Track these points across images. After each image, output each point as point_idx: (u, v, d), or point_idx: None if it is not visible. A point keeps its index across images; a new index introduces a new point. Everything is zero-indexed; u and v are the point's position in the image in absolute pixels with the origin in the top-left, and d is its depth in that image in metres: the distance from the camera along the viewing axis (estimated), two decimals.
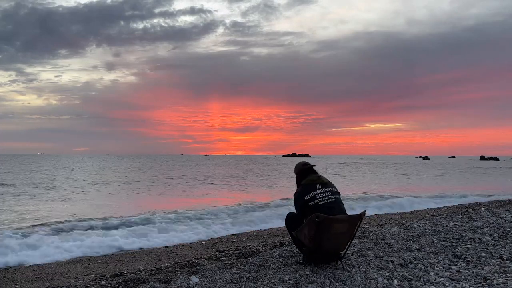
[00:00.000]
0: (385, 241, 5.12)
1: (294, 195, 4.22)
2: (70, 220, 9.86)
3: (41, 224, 9.19)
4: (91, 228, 9.05)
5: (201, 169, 44.43)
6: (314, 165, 4.40)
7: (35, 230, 8.53)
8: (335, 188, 4.18)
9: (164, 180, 26.82)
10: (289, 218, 4.31)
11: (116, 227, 9.06)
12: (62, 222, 9.51)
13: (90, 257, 6.43)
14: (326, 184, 4.12)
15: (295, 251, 4.59)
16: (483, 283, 3.49)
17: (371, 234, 5.68)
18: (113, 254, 6.62)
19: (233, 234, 8.03)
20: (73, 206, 13.60)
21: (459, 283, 3.48)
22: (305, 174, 4.29)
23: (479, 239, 5.13)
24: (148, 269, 4.49)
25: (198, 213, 11.09)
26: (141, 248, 7.15)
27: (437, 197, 15.22)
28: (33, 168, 43.68)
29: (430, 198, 14.77)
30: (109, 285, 3.71)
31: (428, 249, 4.69)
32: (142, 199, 16.27)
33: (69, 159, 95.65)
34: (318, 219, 3.60)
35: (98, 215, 10.68)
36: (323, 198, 3.96)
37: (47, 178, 26.75)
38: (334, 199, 4.00)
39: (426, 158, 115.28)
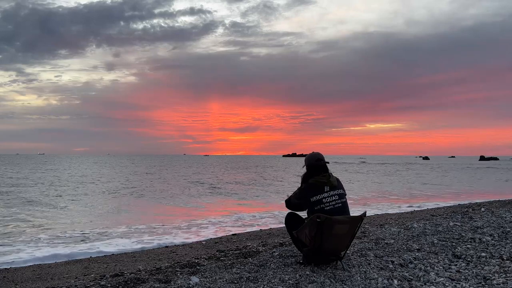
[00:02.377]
0: (385, 241, 5.12)
1: (298, 188, 4.10)
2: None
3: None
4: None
5: (206, 171, 44.43)
6: (328, 162, 4.14)
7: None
8: (343, 189, 4.03)
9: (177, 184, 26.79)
10: (289, 218, 4.29)
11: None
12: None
13: (90, 257, 6.43)
14: (335, 186, 3.94)
15: (295, 251, 4.59)
16: (483, 283, 3.49)
17: (371, 234, 5.68)
18: (113, 254, 6.62)
19: (233, 234, 8.03)
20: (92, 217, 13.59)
21: (459, 283, 3.48)
22: (316, 171, 4.03)
23: (479, 239, 5.13)
24: (148, 269, 4.49)
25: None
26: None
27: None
28: (38, 170, 43.69)
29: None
30: (109, 285, 3.70)
31: (428, 249, 4.69)
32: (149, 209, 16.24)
33: (72, 160, 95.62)
34: (319, 219, 3.59)
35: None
36: (330, 203, 3.85)
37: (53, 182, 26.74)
38: (341, 204, 3.89)
39: (426, 158, 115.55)
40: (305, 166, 4.16)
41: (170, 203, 14.68)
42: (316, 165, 4.05)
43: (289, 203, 4.21)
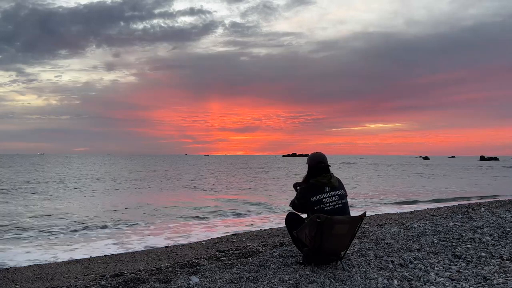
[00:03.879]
0: (385, 241, 5.12)
1: (299, 189, 4.10)
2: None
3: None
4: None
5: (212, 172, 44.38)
6: (330, 165, 4.15)
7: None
8: (344, 190, 4.04)
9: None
10: (290, 218, 4.29)
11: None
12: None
13: (90, 257, 6.43)
14: (336, 187, 3.95)
15: (295, 251, 4.59)
16: (483, 283, 3.49)
17: (371, 234, 5.68)
18: (113, 254, 6.62)
19: (233, 234, 8.02)
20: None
21: (459, 283, 3.48)
22: (318, 172, 4.05)
23: (479, 239, 5.13)
24: (148, 269, 4.49)
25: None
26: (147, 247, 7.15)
27: None
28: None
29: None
30: (109, 285, 3.70)
31: (428, 249, 4.69)
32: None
33: (75, 160, 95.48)
34: (319, 219, 3.59)
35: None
36: (330, 203, 3.86)
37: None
38: (341, 205, 3.90)
39: (426, 158, 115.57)
40: (308, 166, 4.17)
41: (170, 202, 14.67)
42: (317, 167, 4.07)
43: (293, 204, 4.22)
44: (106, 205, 13.88)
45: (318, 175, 4.02)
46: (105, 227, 9.50)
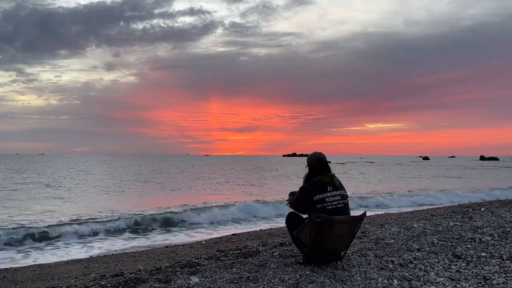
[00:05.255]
0: (385, 241, 5.12)
1: (301, 188, 4.09)
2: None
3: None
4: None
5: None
6: (330, 162, 4.14)
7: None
8: (345, 190, 4.04)
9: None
10: (290, 218, 4.29)
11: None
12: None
13: (90, 257, 6.44)
14: (338, 187, 3.96)
15: (295, 251, 4.59)
16: (483, 283, 3.49)
17: (371, 234, 5.68)
18: (113, 254, 6.62)
19: (233, 234, 8.02)
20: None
21: (459, 283, 3.48)
22: (319, 170, 4.04)
23: (479, 239, 5.13)
24: (148, 269, 4.49)
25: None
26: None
27: None
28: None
29: None
30: (109, 285, 3.70)
31: (428, 249, 4.69)
32: None
33: (72, 160, 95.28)
34: (320, 219, 3.59)
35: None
36: (332, 203, 3.86)
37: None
38: (342, 205, 3.90)
39: (426, 158, 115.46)
40: (307, 166, 4.17)
41: (169, 202, 14.66)
42: (318, 164, 4.06)
43: (292, 203, 4.21)
44: (79, 207, 13.19)
45: (320, 174, 4.01)
46: (73, 228, 9.09)
